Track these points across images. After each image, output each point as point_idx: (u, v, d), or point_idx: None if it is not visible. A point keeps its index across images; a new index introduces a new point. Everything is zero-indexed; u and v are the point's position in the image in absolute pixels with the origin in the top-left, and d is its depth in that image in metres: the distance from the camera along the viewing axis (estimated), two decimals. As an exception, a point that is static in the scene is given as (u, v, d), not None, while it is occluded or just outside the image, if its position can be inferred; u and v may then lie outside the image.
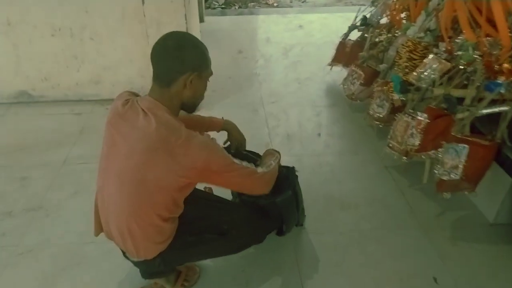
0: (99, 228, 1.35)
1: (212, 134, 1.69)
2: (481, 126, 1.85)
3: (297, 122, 2.78)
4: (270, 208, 1.52)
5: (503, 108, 1.71)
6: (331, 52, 3.29)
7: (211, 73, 1.25)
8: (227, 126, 1.66)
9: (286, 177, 1.62)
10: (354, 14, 3.14)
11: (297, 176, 1.69)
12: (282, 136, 2.58)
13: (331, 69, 3.29)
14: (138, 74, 2.86)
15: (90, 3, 2.63)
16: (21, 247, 1.77)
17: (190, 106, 1.26)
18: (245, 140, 1.69)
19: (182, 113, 1.28)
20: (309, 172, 2.23)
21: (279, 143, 2.51)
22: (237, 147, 1.65)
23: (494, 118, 1.77)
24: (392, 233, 1.87)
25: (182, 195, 1.23)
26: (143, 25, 2.67)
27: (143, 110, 1.16)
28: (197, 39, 1.22)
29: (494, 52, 1.87)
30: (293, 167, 1.70)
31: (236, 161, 1.22)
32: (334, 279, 1.63)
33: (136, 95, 1.27)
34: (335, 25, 4.58)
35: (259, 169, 1.30)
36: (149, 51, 1.19)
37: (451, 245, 1.82)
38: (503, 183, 1.81)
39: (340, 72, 3.22)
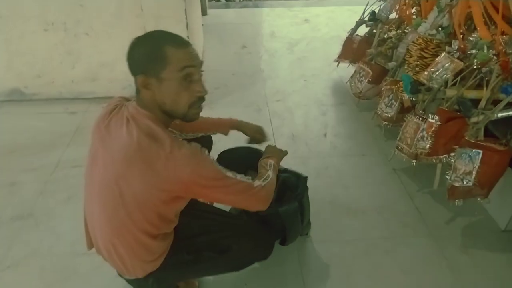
0: (90, 242, 1.27)
1: (221, 137, 1.64)
2: (494, 129, 1.75)
3: (302, 121, 2.70)
4: (272, 218, 1.43)
5: (520, 111, 1.62)
6: (338, 48, 3.19)
7: (182, 70, 1.02)
8: (236, 125, 1.59)
9: (296, 187, 1.52)
10: (362, 8, 3.03)
11: (307, 188, 1.58)
12: (287, 137, 2.51)
13: (337, 65, 3.19)
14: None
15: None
16: (8, 260, 1.66)
17: (175, 114, 1.09)
18: (262, 133, 1.62)
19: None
20: (315, 176, 2.16)
21: (284, 144, 2.43)
22: (257, 142, 1.57)
23: (508, 121, 1.68)
24: (401, 242, 1.80)
25: (170, 210, 1.12)
26: (141, 20, 2.57)
27: (127, 117, 1.07)
28: (159, 35, 1.06)
29: (511, 52, 1.78)
30: (305, 177, 1.58)
31: (230, 174, 1.10)
32: (340, 293, 1.56)
33: (128, 100, 1.18)
34: (342, 19, 4.48)
35: (256, 183, 1.18)
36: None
37: (462, 253, 1.75)
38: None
39: (347, 69, 3.13)
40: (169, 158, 1.00)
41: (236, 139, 1.68)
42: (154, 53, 1.02)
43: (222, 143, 1.73)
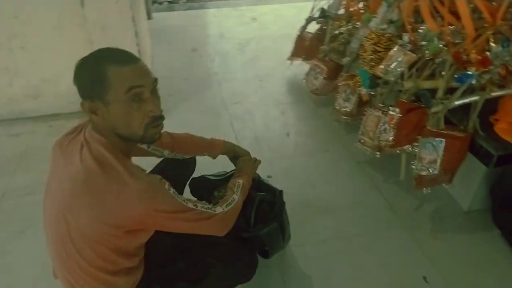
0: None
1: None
2: (452, 117, 1.83)
3: (263, 122, 2.66)
4: (254, 240, 1.37)
5: (474, 98, 1.69)
6: (288, 46, 3.19)
7: (128, 90, 0.91)
8: (226, 151, 1.50)
9: (273, 203, 1.45)
10: (306, 4, 3.06)
11: (284, 203, 1.52)
12: (250, 139, 2.46)
13: (291, 63, 3.20)
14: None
15: (20, 8, 2.32)
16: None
17: (131, 137, 0.98)
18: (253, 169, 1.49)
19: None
20: (282, 177, 2.13)
21: (248, 147, 2.32)
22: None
23: (464, 108, 1.75)
24: (376, 236, 1.82)
25: (129, 244, 1.01)
26: (85, 30, 2.40)
27: (82, 142, 0.97)
28: (102, 54, 0.96)
29: (458, 41, 1.86)
30: (280, 192, 1.51)
31: (191, 205, 1.02)
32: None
33: None
34: (289, 16, 4.50)
35: (218, 209, 1.10)
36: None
37: (434, 239, 1.80)
38: (477, 171, 1.81)
39: (300, 67, 3.14)
40: (122, 192, 0.91)
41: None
42: (96, 76, 0.91)
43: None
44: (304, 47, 3.02)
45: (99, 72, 0.91)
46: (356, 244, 1.78)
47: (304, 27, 3.07)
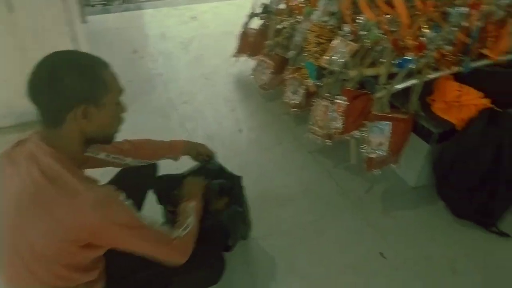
0: None
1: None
2: (395, 100, 1.94)
3: (214, 120, 2.65)
4: (216, 228, 1.36)
5: (414, 81, 1.81)
6: (231, 43, 3.18)
7: (119, 92, 0.97)
8: (187, 150, 1.47)
9: (231, 188, 1.47)
10: (245, 1, 3.07)
11: (243, 187, 1.54)
12: (203, 138, 2.43)
13: (237, 60, 3.20)
14: (17, 95, 2.39)
15: None
16: None
17: (103, 139, 1.00)
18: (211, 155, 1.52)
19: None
20: (238, 173, 2.13)
21: None
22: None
23: (405, 92, 1.86)
24: (331, 221, 1.89)
25: (84, 259, 0.96)
26: (16, 37, 2.22)
27: (26, 155, 0.91)
28: (82, 57, 0.94)
29: (394, 29, 1.97)
30: (239, 177, 1.53)
31: (147, 223, 0.98)
32: (291, 285, 1.59)
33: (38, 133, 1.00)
34: (228, 13, 4.51)
35: (174, 234, 1.07)
36: (28, 66, 0.91)
37: (385, 217, 1.91)
38: (421, 149, 1.93)
39: (245, 63, 3.16)
40: (73, 201, 0.86)
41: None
42: (94, 79, 0.91)
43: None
44: (249, 43, 3.04)
45: (97, 75, 0.91)
46: (313, 230, 1.84)
47: (247, 24, 3.09)
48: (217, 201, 1.43)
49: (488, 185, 1.72)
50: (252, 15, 3.03)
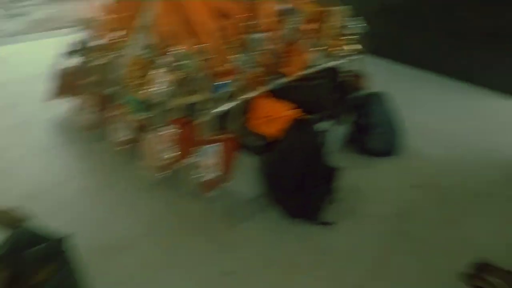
0: None
1: None
2: (222, 122, 2.04)
3: (33, 175, 2.32)
4: None
5: (231, 103, 1.93)
6: (45, 85, 2.87)
7: None
8: None
9: (55, 253, 1.26)
10: (57, 39, 2.84)
11: (63, 251, 1.32)
12: (20, 199, 2.06)
13: (55, 103, 2.89)
14: None
15: None
16: None
17: None
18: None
19: None
20: (72, 227, 1.86)
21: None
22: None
23: (226, 114, 1.98)
24: (180, 250, 1.86)
25: None
26: None
27: None
28: None
29: (204, 59, 2.08)
30: (59, 240, 1.31)
31: None
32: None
33: None
34: (41, 54, 4.05)
35: None
36: None
37: (230, 233, 1.96)
38: (249, 163, 2.05)
39: (64, 104, 2.88)
40: None
41: None
42: None
43: None
44: (67, 83, 2.79)
45: None
46: (162, 264, 1.77)
47: (62, 63, 2.83)
48: (38, 272, 1.22)
49: (306, 184, 1.92)
50: (68, 54, 2.80)
